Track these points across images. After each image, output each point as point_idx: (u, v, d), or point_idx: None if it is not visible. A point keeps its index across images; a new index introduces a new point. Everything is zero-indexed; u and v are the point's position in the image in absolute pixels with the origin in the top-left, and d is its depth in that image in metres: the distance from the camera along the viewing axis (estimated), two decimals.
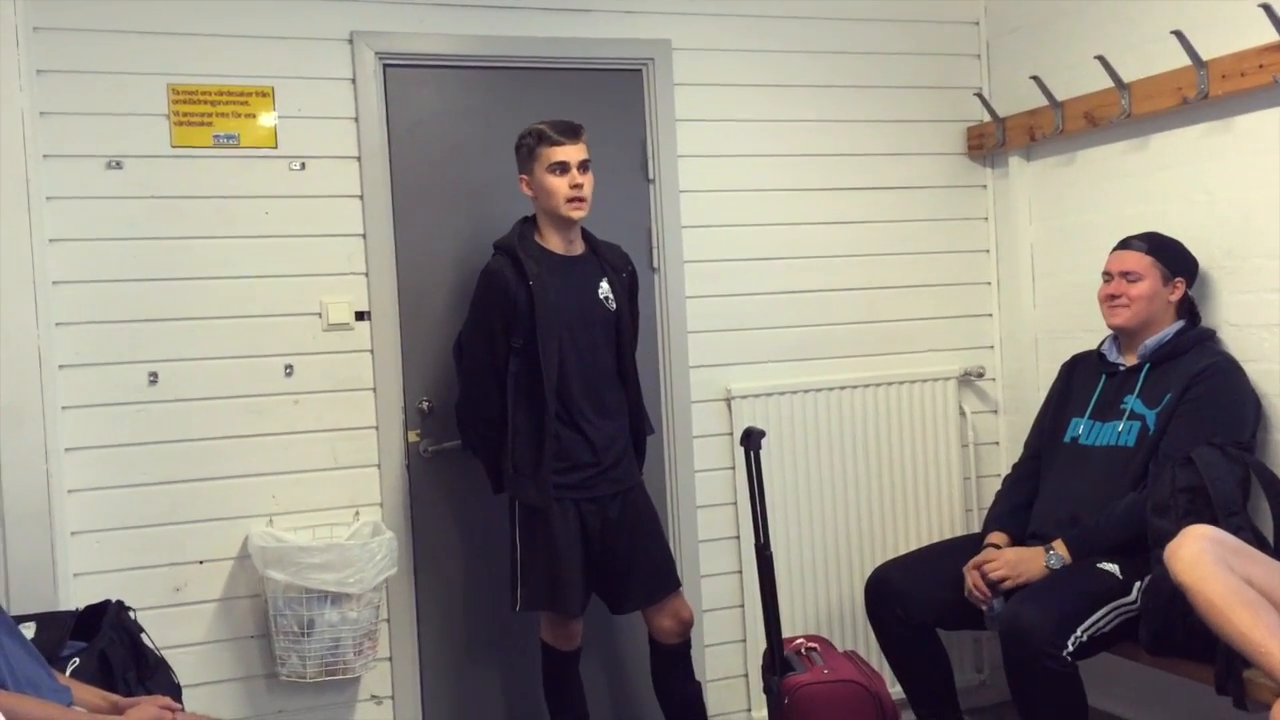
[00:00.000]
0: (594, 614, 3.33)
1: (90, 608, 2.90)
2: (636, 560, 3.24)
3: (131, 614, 2.93)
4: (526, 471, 3.14)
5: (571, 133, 3.15)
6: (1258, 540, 2.76)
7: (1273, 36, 2.94)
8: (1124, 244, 3.25)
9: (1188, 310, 3.24)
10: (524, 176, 3.20)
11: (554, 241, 3.21)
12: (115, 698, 2.47)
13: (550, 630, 3.31)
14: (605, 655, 3.67)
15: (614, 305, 3.26)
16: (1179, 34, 3.16)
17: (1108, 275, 3.25)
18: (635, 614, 3.34)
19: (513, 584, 3.21)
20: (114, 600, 2.92)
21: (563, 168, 3.12)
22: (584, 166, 3.16)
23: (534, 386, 3.13)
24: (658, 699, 3.39)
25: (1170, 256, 3.20)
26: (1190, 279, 3.22)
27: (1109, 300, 3.23)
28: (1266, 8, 2.91)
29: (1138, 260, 3.18)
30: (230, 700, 3.30)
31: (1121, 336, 3.28)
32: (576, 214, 3.16)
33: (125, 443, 3.22)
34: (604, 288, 3.25)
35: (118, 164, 3.21)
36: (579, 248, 3.26)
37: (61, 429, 3.13)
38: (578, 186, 3.13)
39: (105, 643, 2.74)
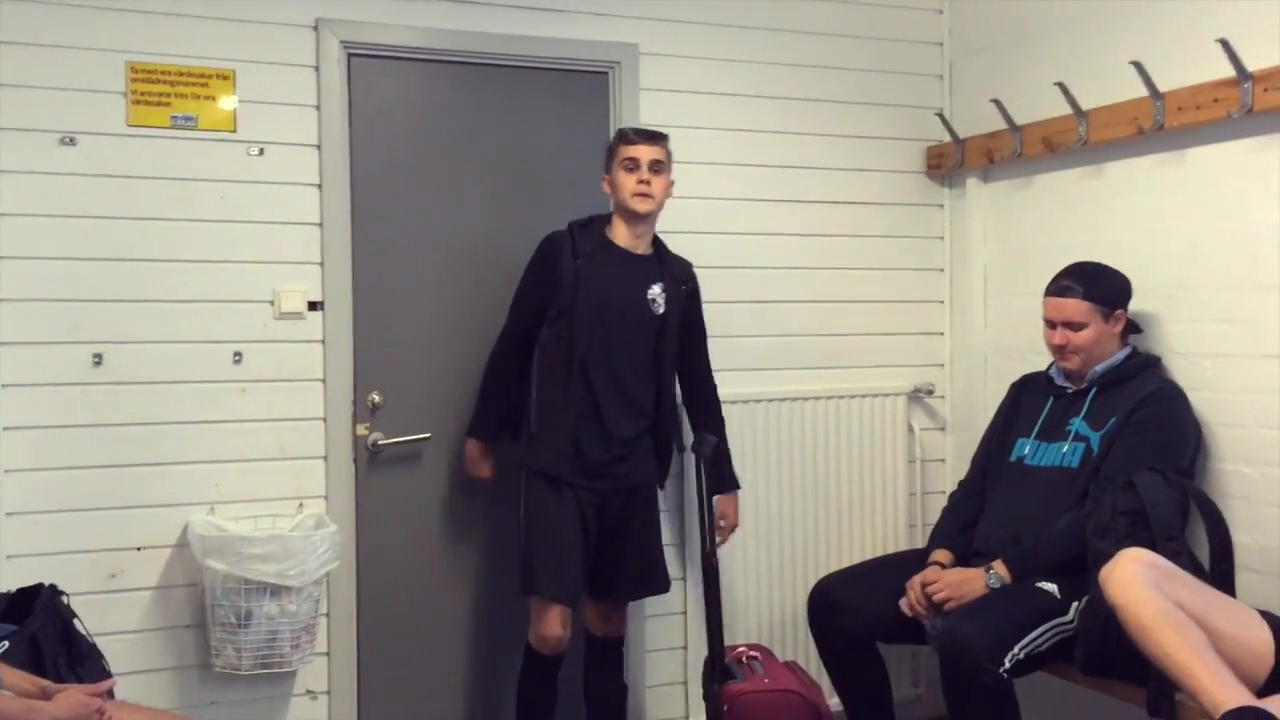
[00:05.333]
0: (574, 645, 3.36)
1: (22, 590, 2.85)
2: (627, 556, 3.34)
3: (65, 599, 2.88)
4: (541, 438, 3.23)
5: (650, 137, 3.30)
6: (1194, 566, 2.80)
7: (1229, 72, 3.00)
8: (1059, 290, 3.22)
9: (1130, 330, 3.27)
10: (605, 176, 3.33)
11: (621, 235, 3.32)
12: (45, 683, 2.42)
13: (537, 627, 3.27)
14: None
15: (661, 309, 3.33)
16: (1138, 65, 3.21)
17: (1050, 323, 3.25)
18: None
19: (523, 568, 3.26)
20: (47, 584, 2.87)
21: (634, 163, 3.25)
22: (655, 167, 3.27)
23: (564, 359, 3.22)
24: (584, 694, 3.42)
25: (1104, 292, 3.20)
26: (1126, 302, 3.23)
27: (1057, 349, 3.24)
28: (1224, 43, 2.96)
29: (1077, 308, 3.17)
30: (162, 690, 3.24)
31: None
32: (641, 206, 3.26)
33: (66, 424, 3.16)
34: (655, 290, 3.33)
35: (71, 140, 3.16)
36: (644, 249, 3.35)
37: (0, 408, 3.07)
38: (645, 183, 3.24)
39: (36, 626, 2.69)
